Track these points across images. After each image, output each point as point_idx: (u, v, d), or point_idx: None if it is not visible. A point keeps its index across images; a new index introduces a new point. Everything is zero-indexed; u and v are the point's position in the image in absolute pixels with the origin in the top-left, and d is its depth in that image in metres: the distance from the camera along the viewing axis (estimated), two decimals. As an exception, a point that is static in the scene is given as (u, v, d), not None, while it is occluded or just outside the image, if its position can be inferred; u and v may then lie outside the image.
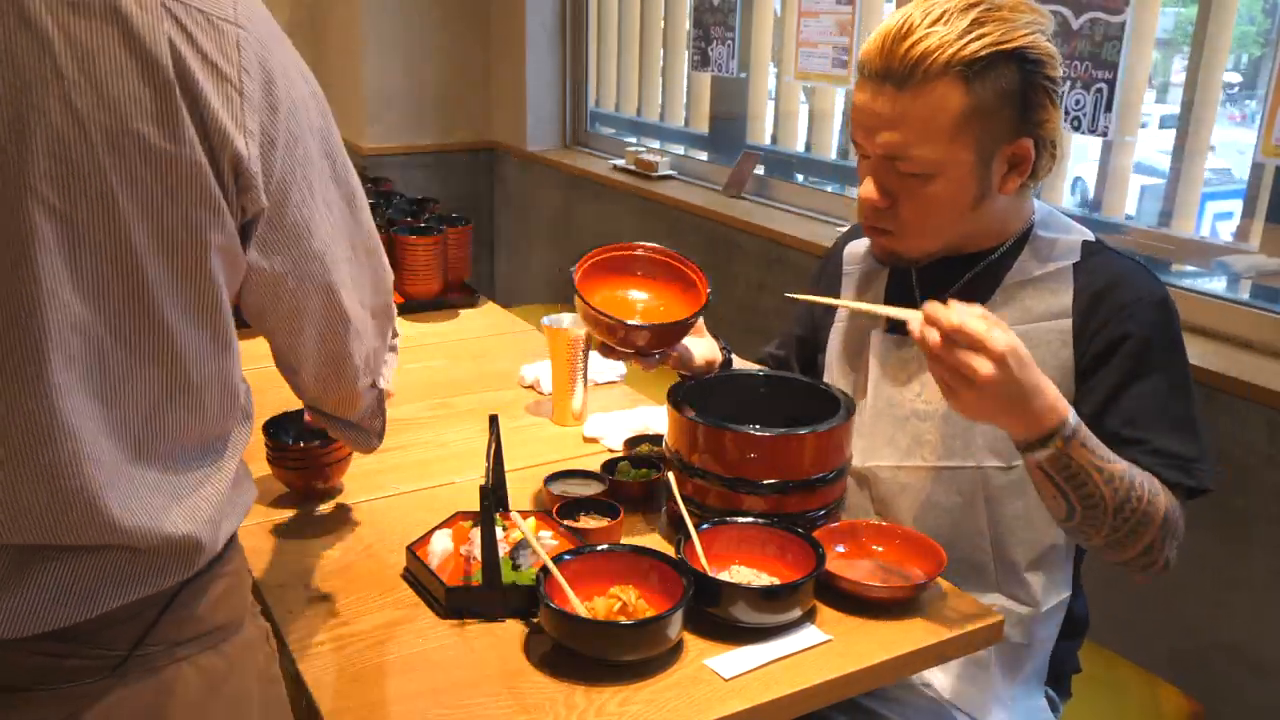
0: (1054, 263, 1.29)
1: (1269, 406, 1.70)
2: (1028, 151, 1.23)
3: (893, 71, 1.19)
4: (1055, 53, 1.22)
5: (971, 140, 1.21)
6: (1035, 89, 1.21)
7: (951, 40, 1.17)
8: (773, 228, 2.70)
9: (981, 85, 1.18)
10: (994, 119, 1.21)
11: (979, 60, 1.17)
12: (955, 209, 1.26)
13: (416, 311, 2.21)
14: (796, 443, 1.23)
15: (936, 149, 1.21)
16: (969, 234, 1.31)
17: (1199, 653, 1.84)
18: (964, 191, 1.24)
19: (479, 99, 4.05)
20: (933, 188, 1.24)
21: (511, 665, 1.08)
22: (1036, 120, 1.22)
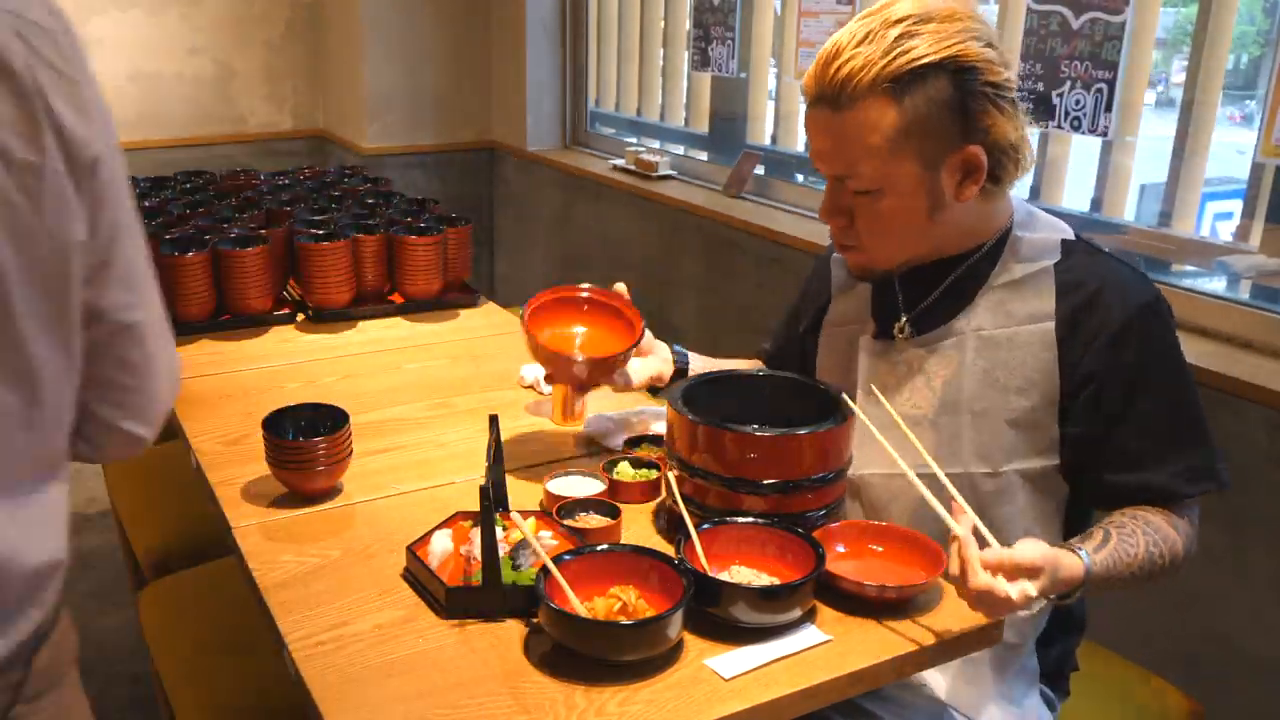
0: (1034, 263, 1.30)
1: (1269, 406, 1.70)
2: (977, 158, 1.23)
3: (826, 95, 1.22)
4: (993, 57, 1.20)
5: (912, 154, 1.22)
6: (973, 96, 1.20)
7: (875, 59, 1.18)
8: (773, 228, 2.70)
9: (912, 99, 1.19)
10: (933, 130, 1.21)
11: (904, 75, 1.18)
12: (910, 222, 1.27)
13: (416, 311, 2.21)
14: (796, 443, 1.23)
15: (877, 166, 1.23)
16: (938, 241, 1.32)
17: (1198, 652, 1.84)
18: (915, 204, 1.26)
19: (479, 99, 4.05)
20: (883, 203, 1.26)
21: (511, 665, 1.08)
22: (980, 127, 1.22)
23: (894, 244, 1.31)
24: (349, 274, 2.11)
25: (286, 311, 2.13)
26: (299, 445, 1.39)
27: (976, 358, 1.30)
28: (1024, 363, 1.28)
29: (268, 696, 1.54)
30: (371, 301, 2.19)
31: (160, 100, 4.06)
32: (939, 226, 1.29)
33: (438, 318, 2.20)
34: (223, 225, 2.18)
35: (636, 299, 1.62)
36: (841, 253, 1.38)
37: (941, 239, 1.31)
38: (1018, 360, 1.28)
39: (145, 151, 4.01)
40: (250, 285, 2.04)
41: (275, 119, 4.29)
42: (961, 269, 1.33)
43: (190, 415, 1.69)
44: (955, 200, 1.26)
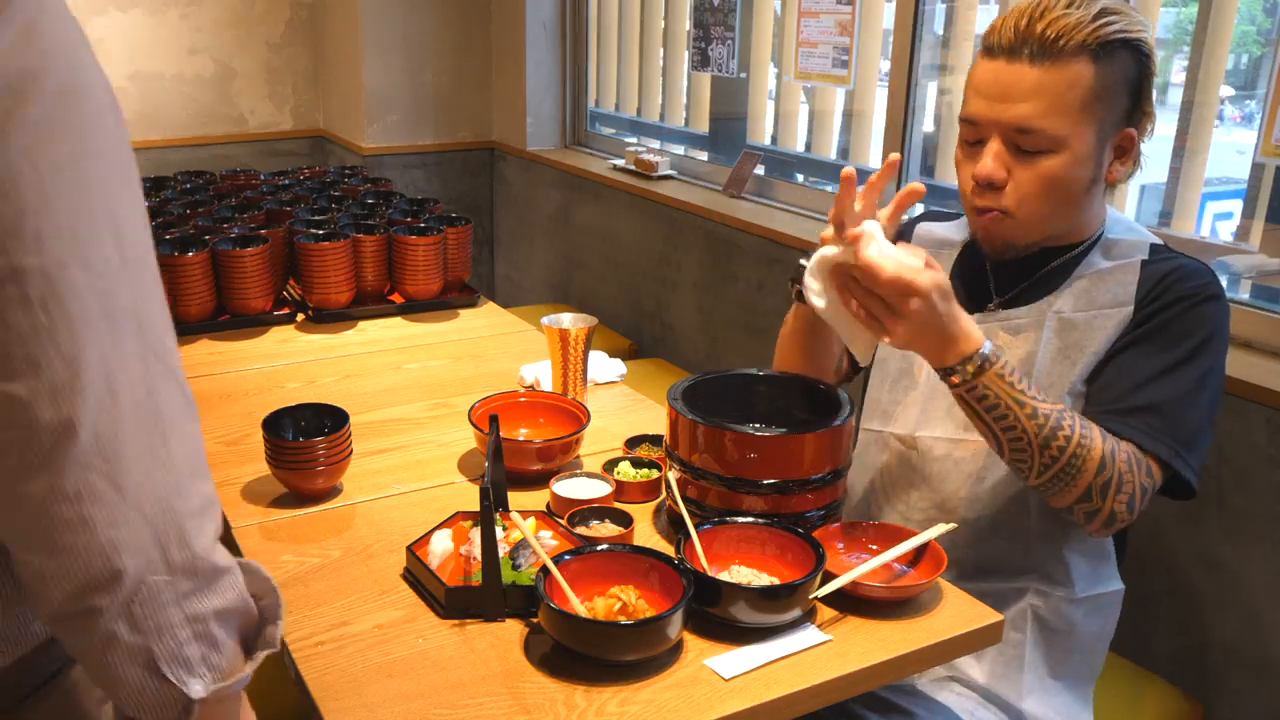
0: (1123, 259, 1.33)
1: (1269, 406, 1.70)
2: (1133, 141, 1.30)
3: (1030, 48, 1.25)
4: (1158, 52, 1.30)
5: (1095, 120, 1.26)
6: (1146, 79, 1.28)
7: (1087, 22, 1.24)
8: (773, 228, 2.70)
9: (1109, 68, 1.25)
10: (1114, 102, 1.27)
11: (1110, 44, 1.24)
12: (1071, 190, 1.29)
13: (416, 311, 2.22)
14: (796, 443, 1.23)
15: (1065, 123, 1.25)
16: (1068, 222, 1.33)
17: (1199, 653, 1.84)
18: (1082, 171, 1.28)
19: (479, 99, 4.05)
20: (1054, 164, 1.27)
21: (511, 665, 1.08)
22: (1144, 111, 1.30)
23: (1049, 210, 1.30)
24: (349, 274, 2.11)
25: (286, 311, 2.14)
26: (299, 445, 1.39)
27: (1054, 337, 1.33)
28: (1095, 341, 1.31)
29: (268, 696, 1.54)
30: (371, 301, 2.19)
31: (160, 100, 4.06)
32: (1087, 203, 1.31)
33: (438, 318, 2.21)
34: (223, 225, 2.18)
35: (636, 299, 1.62)
36: (978, 218, 1.34)
37: (1076, 220, 1.33)
38: (1090, 340, 1.32)
39: (145, 151, 4.01)
40: (250, 285, 2.04)
41: (275, 119, 4.29)
42: (1054, 263, 1.36)
43: (190, 415, 1.69)
44: (1105, 179, 1.31)
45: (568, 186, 3.66)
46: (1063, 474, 1.21)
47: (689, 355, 3.10)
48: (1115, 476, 1.22)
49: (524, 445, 1.46)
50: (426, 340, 2.08)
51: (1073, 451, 1.20)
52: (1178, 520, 1.84)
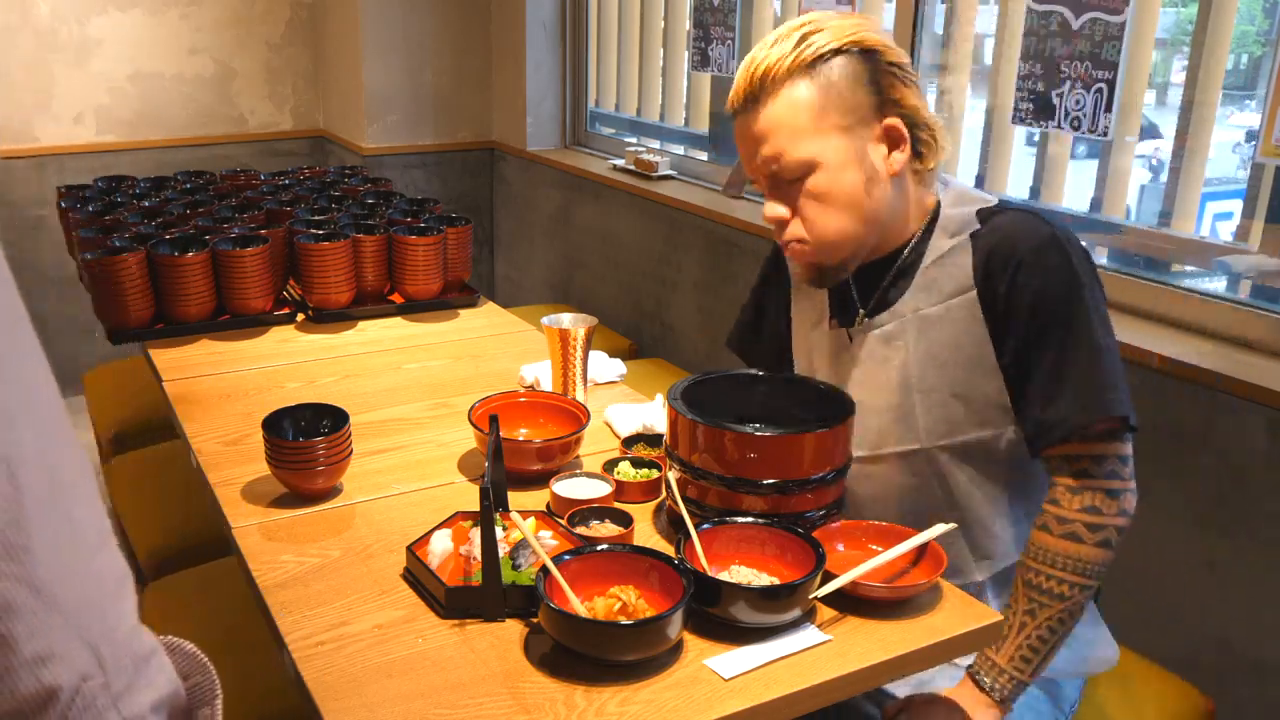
0: (957, 237, 1.35)
1: (1269, 406, 1.70)
2: (897, 128, 1.31)
3: (749, 94, 1.32)
4: (890, 43, 1.32)
5: (835, 126, 1.30)
6: (880, 72, 1.31)
7: (787, 52, 1.30)
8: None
9: (826, 76, 1.29)
10: (850, 102, 1.30)
11: (815, 59, 1.29)
12: (848, 195, 1.32)
13: (416, 311, 2.21)
14: (796, 443, 1.23)
15: (806, 143, 1.30)
16: (880, 225, 1.35)
17: (1206, 650, 1.84)
18: (850, 177, 1.31)
19: (479, 99, 4.05)
20: (817, 182, 1.31)
21: (511, 665, 1.08)
22: (893, 99, 1.31)
23: (838, 224, 1.33)
24: (349, 274, 2.11)
25: (286, 311, 2.14)
26: (299, 445, 1.39)
27: (919, 339, 1.36)
28: (957, 338, 1.34)
29: (268, 696, 1.54)
30: (371, 301, 2.19)
31: (160, 100, 4.06)
32: (875, 205, 1.33)
33: (438, 318, 2.21)
34: (223, 225, 2.18)
35: (636, 299, 1.63)
36: (791, 256, 1.40)
37: (883, 220, 1.35)
38: (951, 336, 1.34)
39: (145, 151, 4.01)
40: (250, 285, 2.04)
41: (275, 119, 4.29)
42: (904, 256, 1.39)
43: (190, 415, 1.69)
44: (887, 173, 1.32)
45: (568, 186, 3.66)
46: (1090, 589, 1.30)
47: (689, 355, 3.10)
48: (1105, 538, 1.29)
49: (524, 445, 1.46)
50: (426, 340, 2.08)
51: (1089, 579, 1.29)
52: (1179, 520, 1.84)
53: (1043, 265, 1.28)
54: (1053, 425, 1.28)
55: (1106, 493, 1.28)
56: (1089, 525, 1.28)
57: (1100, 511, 1.28)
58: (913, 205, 1.38)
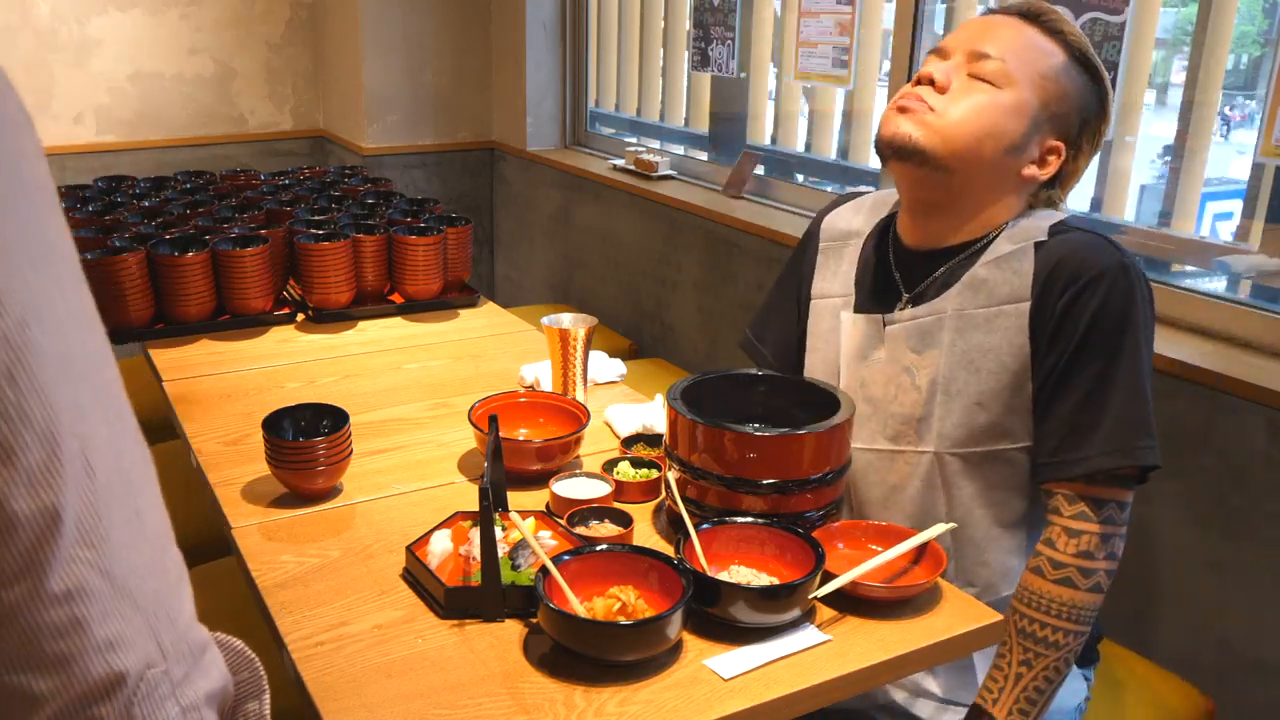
0: (1020, 243, 1.32)
1: (1269, 406, 1.70)
2: (1059, 153, 1.33)
3: (1028, 10, 1.34)
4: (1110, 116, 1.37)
5: (1043, 94, 1.31)
6: (1091, 118, 1.34)
7: (1079, 36, 1.34)
8: (773, 228, 2.70)
9: (1075, 73, 1.32)
10: (1064, 101, 1.32)
11: (1088, 60, 1.33)
12: (992, 131, 1.29)
13: (416, 311, 2.21)
14: (796, 443, 1.23)
15: (1021, 71, 1.30)
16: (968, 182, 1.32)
17: (1206, 650, 1.84)
18: (1009, 123, 1.30)
19: (479, 99, 4.05)
20: (992, 96, 1.30)
21: (511, 665, 1.08)
22: (1078, 140, 1.34)
23: (964, 134, 1.29)
24: (349, 274, 2.11)
25: (286, 311, 2.13)
26: (299, 445, 1.39)
27: (957, 339, 1.32)
28: (998, 346, 1.30)
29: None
30: (371, 301, 2.19)
31: (160, 100, 4.06)
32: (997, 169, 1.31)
33: (438, 318, 2.20)
34: (223, 225, 2.18)
35: (636, 299, 1.63)
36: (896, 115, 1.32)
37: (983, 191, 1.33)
38: (993, 344, 1.31)
39: (145, 151, 4.02)
40: (250, 285, 2.04)
41: (275, 119, 4.29)
42: (957, 259, 1.35)
43: (190, 415, 1.69)
44: (1023, 168, 1.33)
45: (568, 186, 3.66)
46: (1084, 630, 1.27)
47: (689, 355, 3.10)
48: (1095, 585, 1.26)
49: (524, 445, 1.46)
50: (426, 340, 2.08)
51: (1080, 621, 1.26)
52: (1179, 520, 1.84)
53: (1107, 289, 1.24)
54: (1072, 461, 1.24)
55: (1101, 538, 1.24)
56: (1082, 570, 1.24)
57: (1092, 556, 1.24)
58: (998, 208, 1.35)
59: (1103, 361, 1.24)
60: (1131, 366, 1.24)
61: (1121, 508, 1.26)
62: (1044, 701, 1.26)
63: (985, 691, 1.27)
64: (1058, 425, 1.26)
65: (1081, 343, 1.25)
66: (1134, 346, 1.24)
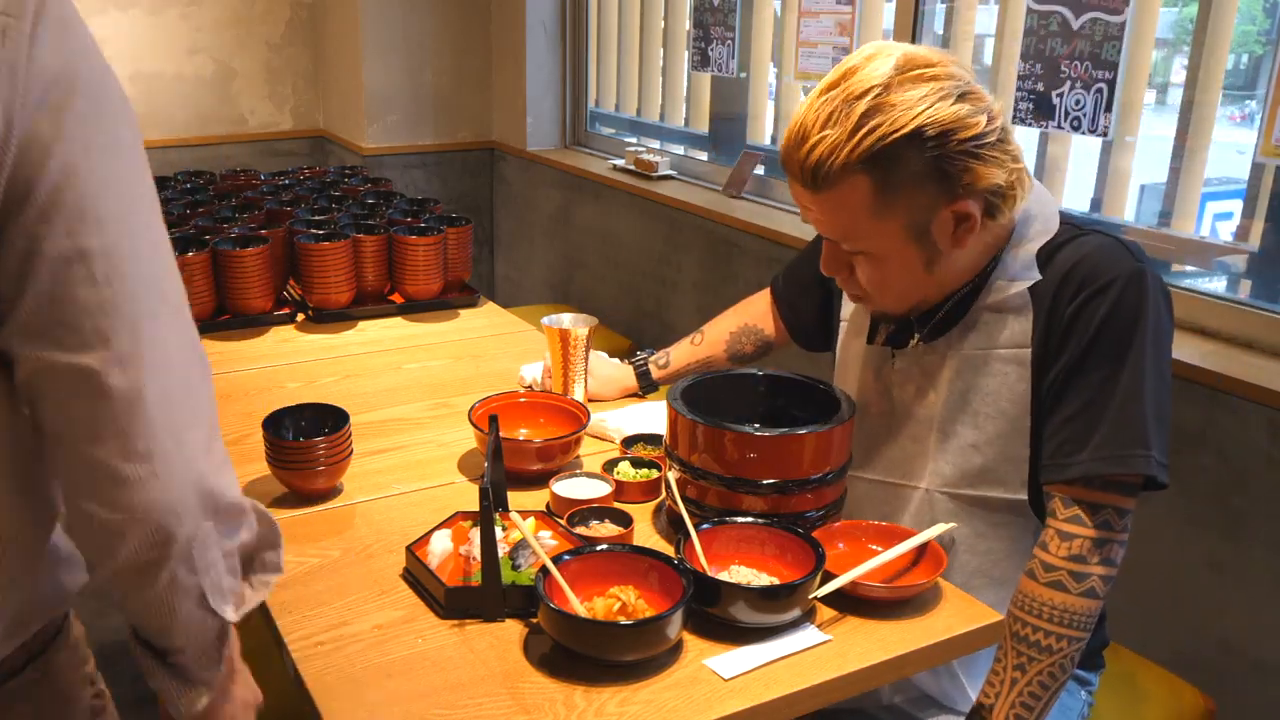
0: (1016, 283, 1.28)
1: (1269, 406, 1.70)
2: (968, 210, 1.21)
3: (801, 175, 1.22)
4: (965, 112, 1.17)
5: (897, 220, 1.22)
6: (947, 159, 1.18)
7: (842, 141, 1.17)
8: (773, 228, 2.70)
9: (885, 173, 1.18)
10: (913, 200, 1.20)
11: (874, 154, 1.17)
12: (908, 276, 1.28)
13: (416, 311, 2.21)
14: (796, 443, 1.23)
15: (864, 237, 1.25)
16: (941, 284, 1.31)
17: (1206, 650, 1.84)
18: (911, 262, 1.26)
19: (479, 99, 4.05)
20: (878, 265, 1.27)
21: (511, 665, 1.08)
22: (962, 184, 1.19)
23: (896, 295, 1.31)
24: (349, 274, 2.11)
25: (286, 311, 2.13)
26: (299, 445, 1.39)
27: (956, 378, 1.32)
28: (997, 390, 1.29)
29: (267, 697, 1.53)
30: (371, 301, 2.19)
31: (160, 100, 4.06)
32: (938, 276, 1.29)
33: (438, 318, 2.20)
34: (223, 225, 2.18)
35: (637, 299, 1.63)
36: (852, 300, 1.39)
37: (945, 283, 1.31)
38: (990, 386, 1.30)
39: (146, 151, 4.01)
40: (250, 285, 2.04)
41: (275, 119, 4.29)
42: (959, 294, 1.32)
43: (190, 415, 1.69)
44: (952, 249, 1.26)
45: (568, 186, 3.66)
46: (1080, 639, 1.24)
47: (689, 355, 3.10)
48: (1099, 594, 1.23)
49: (524, 445, 1.46)
50: (426, 340, 2.08)
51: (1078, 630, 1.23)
52: (1179, 521, 1.84)
53: (1118, 295, 1.21)
54: (1066, 465, 1.23)
55: (1095, 542, 1.21)
56: (1073, 574, 1.21)
57: (1085, 560, 1.21)
58: (982, 252, 1.30)
59: (1108, 368, 1.21)
60: (1135, 374, 1.21)
61: (1120, 514, 1.22)
62: (1041, 707, 1.24)
63: (983, 696, 1.26)
64: (1059, 427, 1.24)
65: (1089, 348, 1.22)
66: (1139, 355, 1.21)
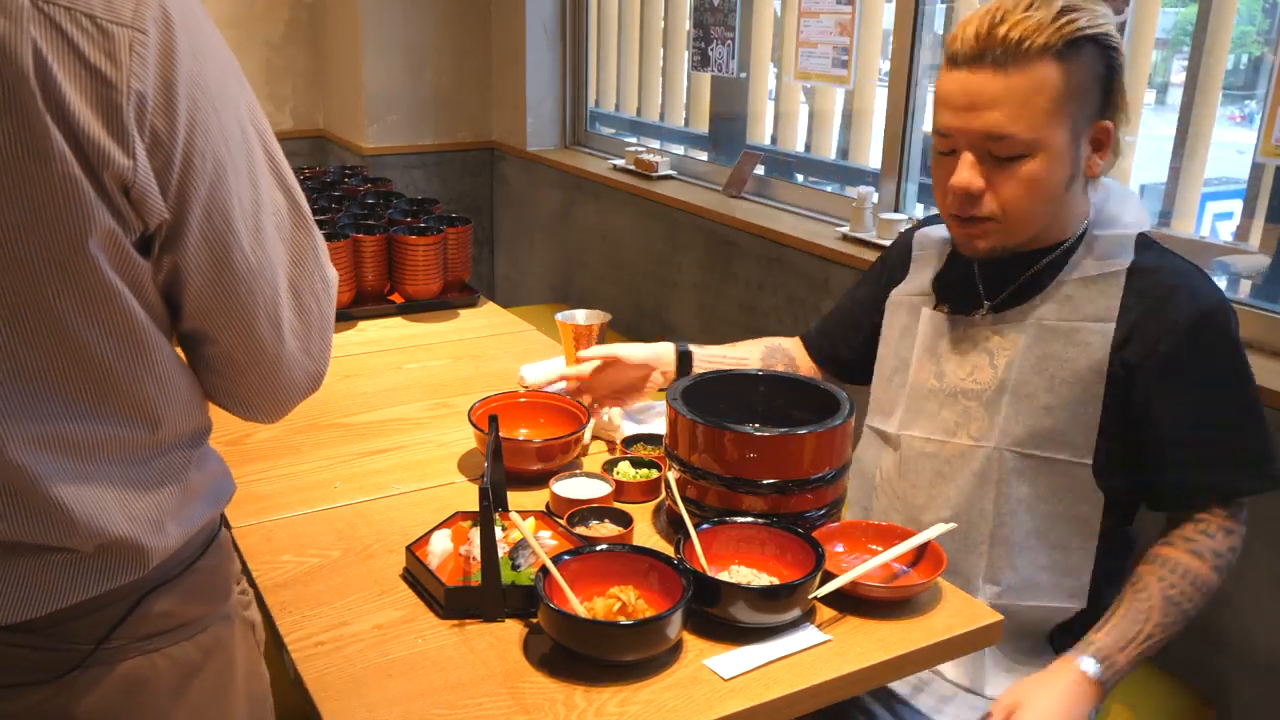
0: (1109, 262, 1.32)
1: (1269, 406, 1.69)
2: (1109, 133, 1.30)
3: (993, 55, 1.24)
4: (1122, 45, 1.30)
5: (1067, 119, 1.26)
6: (1115, 73, 1.28)
7: (1047, 24, 1.23)
8: (773, 228, 2.70)
9: (1075, 66, 1.24)
10: (1085, 99, 1.27)
11: (1074, 41, 1.24)
12: (1050, 190, 1.29)
13: (416, 311, 2.21)
14: (796, 443, 1.23)
15: (1037, 126, 1.25)
16: (1051, 220, 1.33)
17: (1207, 650, 1.84)
18: (1059, 171, 1.28)
19: (479, 99, 4.05)
20: (1030, 167, 1.27)
21: (511, 665, 1.08)
22: (1116, 104, 1.29)
23: (1033, 213, 1.30)
24: (349, 274, 2.11)
25: (286, 311, 2.13)
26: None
27: (1034, 344, 1.33)
28: (1076, 358, 1.31)
29: (267, 696, 1.54)
30: (371, 301, 2.19)
31: (160, 100, 4.05)
32: (1065, 202, 1.31)
33: (438, 318, 2.21)
34: (223, 225, 2.18)
35: (636, 299, 1.63)
36: (959, 228, 1.34)
37: (1058, 219, 1.33)
38: (1071, 355, 1.31)
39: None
40: (250, 285, 2.04)
41: (275, 119, 4.29)
42: (1041, 264, 1.35)
43: (190, 415, 1.69)
44: (1087, 173, 1.31)
45: (568, 186, 3.66)
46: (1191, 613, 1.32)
47: (689, 355, 3.10)
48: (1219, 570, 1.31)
49: (524, 445, 1.46)
50: (426, 340, 2.08)
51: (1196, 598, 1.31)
52: (1178, 520, 1.84)
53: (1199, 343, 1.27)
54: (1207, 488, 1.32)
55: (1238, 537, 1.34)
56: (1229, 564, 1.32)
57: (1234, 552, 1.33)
58: (1079, 209, 1.35)
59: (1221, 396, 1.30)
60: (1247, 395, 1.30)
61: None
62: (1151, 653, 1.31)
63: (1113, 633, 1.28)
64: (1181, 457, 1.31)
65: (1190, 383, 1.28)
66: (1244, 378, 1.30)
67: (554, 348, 2.00)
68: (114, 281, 0.80)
